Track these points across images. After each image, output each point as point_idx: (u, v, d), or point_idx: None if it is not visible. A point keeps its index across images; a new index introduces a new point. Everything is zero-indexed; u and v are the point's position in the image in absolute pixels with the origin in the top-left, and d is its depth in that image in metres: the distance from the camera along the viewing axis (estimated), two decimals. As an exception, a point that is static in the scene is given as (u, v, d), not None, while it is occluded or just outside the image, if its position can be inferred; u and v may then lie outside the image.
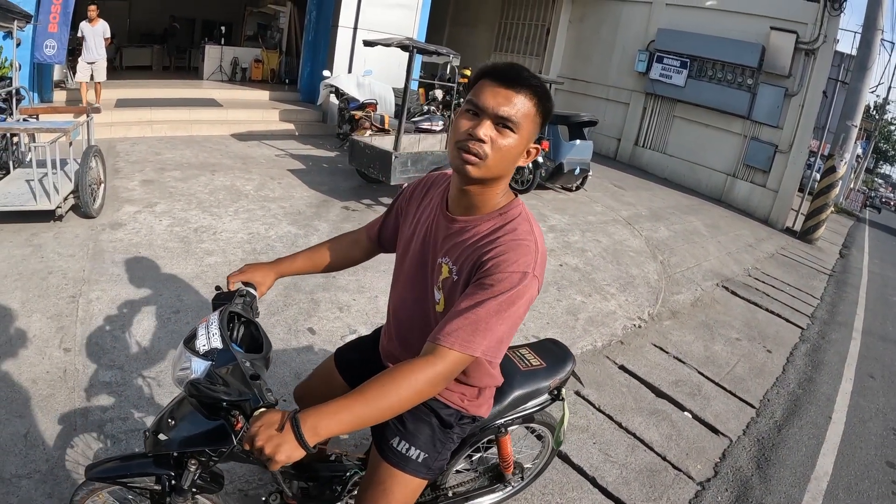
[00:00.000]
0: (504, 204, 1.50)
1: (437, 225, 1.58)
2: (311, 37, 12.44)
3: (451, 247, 1.51)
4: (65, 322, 3.51)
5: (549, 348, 2.24)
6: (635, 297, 5.79)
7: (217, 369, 1.32)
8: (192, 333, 1.43)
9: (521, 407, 1.98)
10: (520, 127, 1.37)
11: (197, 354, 1.36)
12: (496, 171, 1.40)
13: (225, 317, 1.49)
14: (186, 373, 1.35)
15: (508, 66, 1.40)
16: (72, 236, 4.77)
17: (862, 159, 32.41)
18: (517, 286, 1.33)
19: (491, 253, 1.38)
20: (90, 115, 5.53)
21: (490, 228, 1.45)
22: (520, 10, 17.77)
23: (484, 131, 1.36)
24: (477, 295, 1.34)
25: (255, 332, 1.56)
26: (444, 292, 1.53)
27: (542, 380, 2.03)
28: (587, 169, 9.41)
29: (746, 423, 4.01)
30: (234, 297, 1.63)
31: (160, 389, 3.01)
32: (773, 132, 12.50)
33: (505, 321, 1.33)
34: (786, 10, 12.25)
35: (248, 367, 1.34)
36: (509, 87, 1.37)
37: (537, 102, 1.39)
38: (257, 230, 5.47)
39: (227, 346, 1.37)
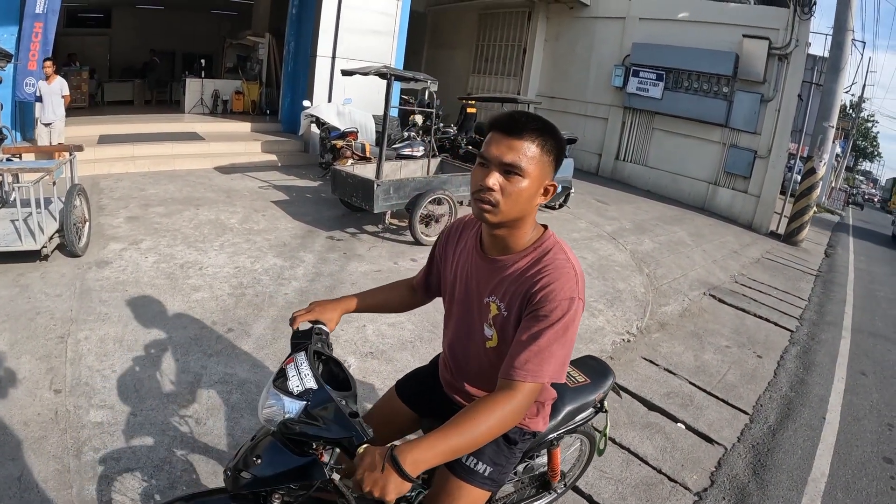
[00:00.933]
0: (536, 238, 1.61)
1: (476, 266, 1.70)
2: (291, 67, 12.52)
3: (496, 285, 1.62)
4: (54, 363, 3.50)
5: (590, 364, 2.39)
6: (623, 311, 5.80)
7: (313, 409, 1.38)
8: (281, 373, 1.49)
9: (572, 420, 2.13)
10: (526, 170, 1.46)
11: (289, 395, 1.40)
12: (512, 214, 1.51)
13: (311, 356, 1.56)
14: (275, 411, 1.40)
15: (509, 115, 1.50)
16: (58, 276, 4.75)
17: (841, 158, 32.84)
18: (568, 312, 1.45)
19: (538, 286, 1.49)
20: (73, 153, 5.52)
21: (529, 263, 1.56)
22: (496, 31, 17.99)
23: (492, 181, 1.47)
24: (534, 327, 1.45)
25: (336, 368, 1.63)
26: (496, 328, 1.63)
27: (589, 394, 2.19)
28: (569, 186, 9.49)
29: (740, 430, 4.01)
30: (311, 335, 1.69)
31: (152, 428, 2.98)
32: (752, 138, 12.69)
33: (564, 346, 1.46)
34: (757, 18, 12.53)
35: (345, 406, 1.39)
36: (511, 136, 1.47)
37: (541, 143, 1.47)
38: (243, 263, 5.46)
39: (322, 386, 1.43)
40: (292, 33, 12.36)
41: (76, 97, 13.41)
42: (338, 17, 10.82)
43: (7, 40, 7.85)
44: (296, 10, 12.19)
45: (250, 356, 3.83)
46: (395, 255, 6.30)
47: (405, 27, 12.13)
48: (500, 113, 1.55)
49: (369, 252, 6.27)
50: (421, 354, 4.11)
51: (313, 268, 5.59)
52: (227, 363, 3.69)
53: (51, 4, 7.73)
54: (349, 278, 5.46)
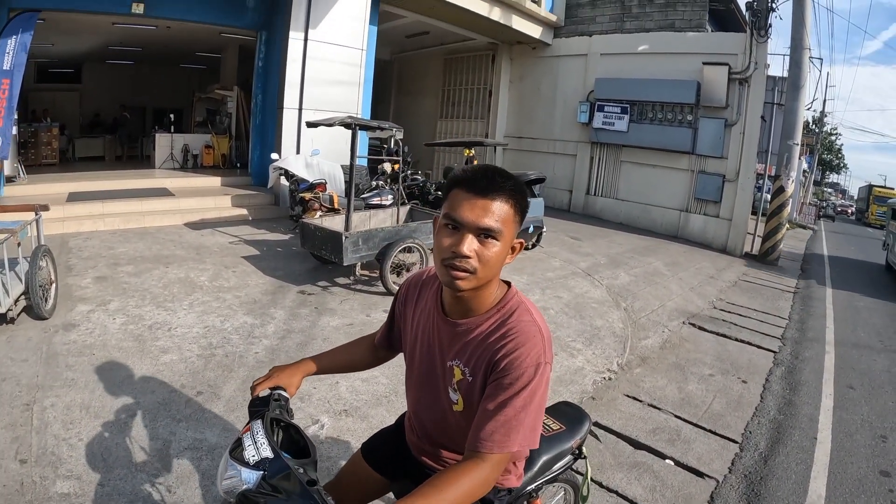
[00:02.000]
0: (500, 298, 1.54)
1: (438, 329, 1.61)
2: (259, 120, 12.55)
3: (459, 349, 1.54)
4: (20, 431, 3.35)
5: (565, 411, 2.34)
6: (602, 349, 5.75)
7: (270, 479, 1.33)
8: (237, 443, 1.44)
9: (549, 470, 2.06)
10: (502, 233, 1.40)
11: (246, 465, 1.36)
12: (487, 279, 1.44)
13: (268, 424, 1.51)
14: (234, 481, 1.35)
15: (480, 173, 1.42)
16: (24, 339, 4.61)
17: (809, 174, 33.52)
18: (534, 378, 1.38)
19: (502, 352, 1.41)
20: (38, 213, 5.41)
21: (493, 325, 1.49)
22: (461, 74, 18.28)
23: (468, 246, 1.38)
24: (500, 396, 1.39)
25: (296, 434, 1.58)
26: (461, 393, 1.56)
27: (565, 442, 2.13)
28: (541, 225, 9.51)
29: (731, 461, 3.94)
30: (269, 402, 1.66)
31: (120, 498, 2.85)
32: (719, 163, 12.95)
33: (531, 412, 1.38)
34: (715, 45, 12.93)
35: (303, 474, 1.33)
36: (485, 197, 1.38)
37: (514, 203, 1.41)
38: (213, 323, 5.33)
39: (278, 455, 1.37)
40: (259, 86, 12.43)
41: (46, 153, 13.36)
42: (303, 69, 10.90)
43: (-28, 97, 7.78)
44: (262, 63, 12.28)
45: (221, 419, 3.70)
46: (367, 307, 6.20)
47: (371, 76, 12.24)
48: (468, 169, 1.47)
49: (341, 305, 6.17)
50: (396, 409, 3.99)
51: (284, 324, 5.47)
52: (196, 428, 3.55)
53: (17, 61, 7.70)
54: (321, 333, 5.34)
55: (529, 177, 9.46)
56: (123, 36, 14.15)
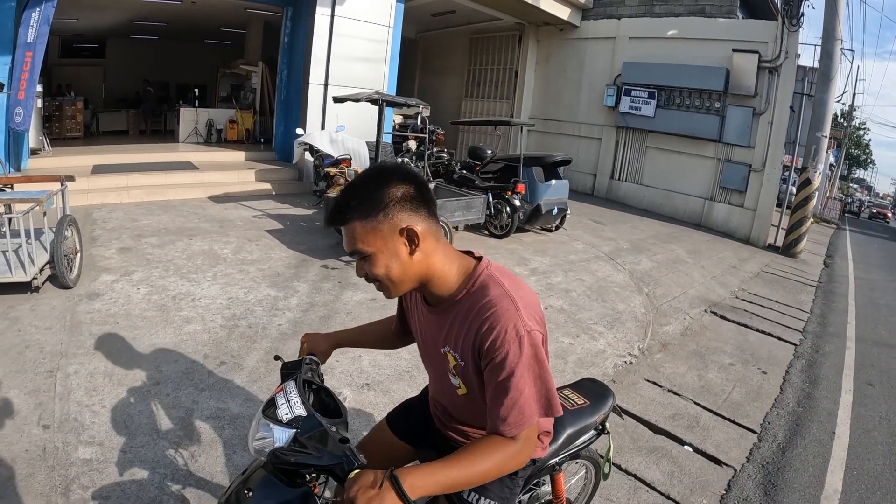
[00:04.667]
0: (465, 278, 1.51)
1: (426, 318, 1.63)
2: (284, 96, 12.56)
3: (446, 336, 1.53)
4: (42, 398, 3.40)
5: (589, 387, 2.31)
6: (624, 333, 5.73)
7: (303, 436, 1.35)
8: (270, 402, 1.47)
9: (573, 444, 2.06)
10: (366, 249, 1.40)
11: (279, 423, 1.38)
12: (397, 282, 1.45)
13: (301, 384, 1.54)
14: (266, 441, 1.38)
15: (332, 206, 1.44)
16: (49, 308, 4.66)
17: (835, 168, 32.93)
18: (522, 352, 1.35)
19: (481, 334, 1.39)
20: (64, 183, 5.46)
21: (468, 307, 1.46)
22: (487, 55, 18.12)
23: (357, 272, 1.48)
24: (497, 379, 1.37)
25: (326, 397, 1.63)
26: (460, 378, 1.55)
27: (589, 416, 2.12)
28: (565, 208, 9.46)
29: (749, 450, 3.92)
30: (301, 366, 1.69)
31: (142, 465, 2.89)
32: (746, 152, 12.73)
33: (536, 381, 1.37)
34: (746, 32, 12.63)
35: (335, 432, 1.36)
36: (339, 225, 1.43)
37: (365, 212, 1.38)
38: (236, 294, 5.37)
39: (311, 413, 1.40)
40: (284, 62, 12.42)
41: (70, 127, 13.49)
42: (329, 45, 10.87)
43: (0, 70, 7.88)
44: (287, 39, 12.26)
45: (243, 390, 3.73)
46: (390, 283, 6.20)
47: (397, 53, 12.19)
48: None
49: (363, 280, 6.14)
50: (418, 384, 4.00)
51: (307, 298, 5.50)
52: (219, 397, 3.60)
53: (40, 33, 7.74)
54: (343, 307, 5.37)
55: (555, 158, 9.40)
56: (148, 11, 14.17)
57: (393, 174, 1.42)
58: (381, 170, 1.45)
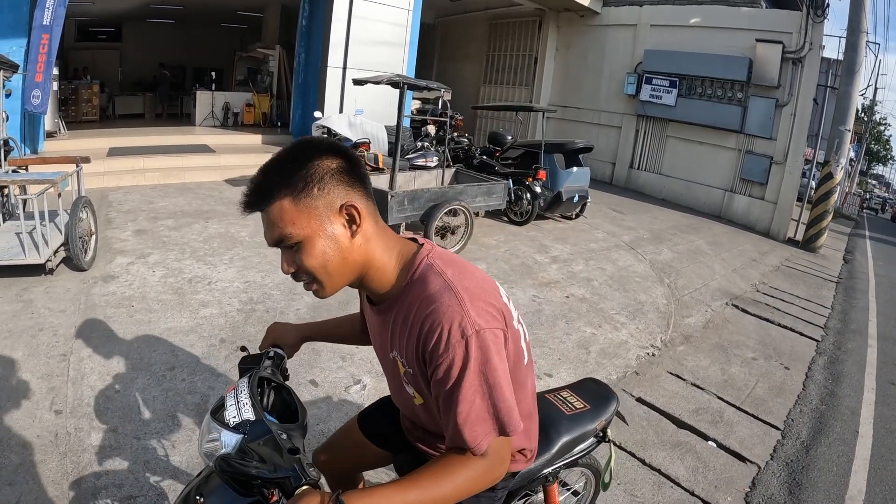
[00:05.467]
0: (403, 267, 1.30)
1: (372, 319, 1.43)
2: (301, 79, 12.48)
3: (391, 338, 1.33)
4: (55, 382, 3.36)
5: (591, 388, 2.12)
6: (646, 324, 5.64)
7: (250, 443, 1.19)
8: (220, 403, 1.31)
9: (569, 453, 1.88)
10: (295, 233, 1.17)
11: (227, 427, 1.23)
12: (334, 274, 1.23)
13: (255, 383, 1.36)
14: (215, 445, 1.23)
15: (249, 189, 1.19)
16: (63, 290, 4.63)
17: (855, 163, 32.49)
18: (469, 357, 1.13)
19: (420, 336, 1.18)
20: (79, 165, 5.42)
21: (408, 304, 1.24)
22: (506, 41, 17.94)
23: (284, 266, 1.22)
24: (445, 392, 1.17)
25: (287, 396, 1.43)
26: (413, 386, 1.36)
27: (588, 423, 1.92)
28: (586, 196, 9.34)
29: (773, 447, 3.84)
30: (261, 360, 1.53)
31: (155, 453, 2.85)
32: (768, 144, 12.51)
33: (489, 393, 1.16)
34: (770, 22, 12.38)
35: (286, 440, 1.20)
36: (255, 210, 1.19)
37: (287, 192, 1.16)
38: (253, 278, 5.32)
39: (260, 417, 1.24)
40: (302, 45, 12.33)
41: (87, 110, 13.51)
42: (348, 28, 10.79)
43: (16, 52, 7.87)
44: (306, 22, 12.17)
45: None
46: (409, 267, 6.14)
47: (416, 37, 12.08)
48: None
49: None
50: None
51: (324, 282, 5.42)
52: (236, 382, 3.54)
53: (56, 15, 7.72)
54: (360, 292, 5.29)
55: (577, 145, 9.31)
56: (165, -6, 14.13)
57: (320, 146, 1.22)
58: (306, 142, 1.24)
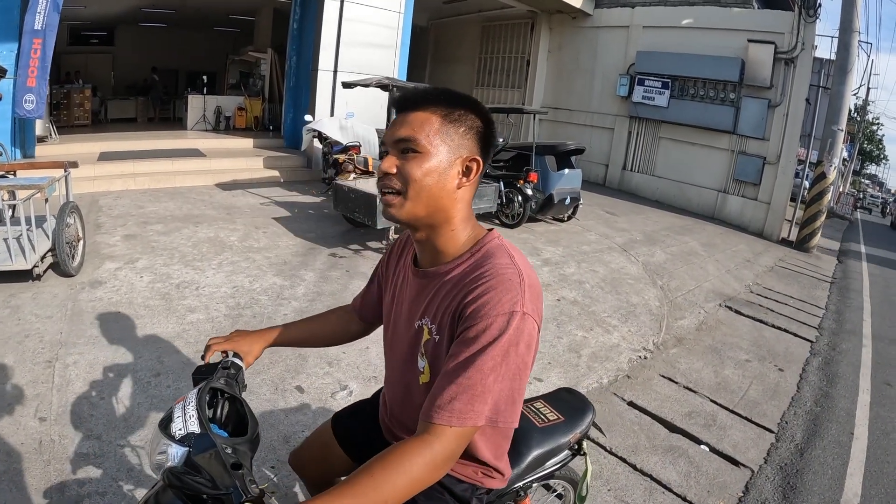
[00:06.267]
0: (475, 241, 1.31)
1: (409, 284, 1.41)
2: (293, 82, 12.46)
3: (427, 304, 1.31)
4: (41, 389, 3.31)
5: (565, 399, 2.03)
6: (638, 326, 5.60)
7: (196, 456, 1.14)
8: (169, 415, 1.26)
9: (541, 467, 1.78)
10: (425, 143, 1.21)
11: (173, 439, 1.18)
12: (422, 203, 1.23)
13: (205, 395, 1.32)
14: (163, 458, 1.18)
15: (405, 91, 1.29)
16: (50, 296, 4.58)
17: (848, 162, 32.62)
18: (506, 331, 1.11)
19: (468, 298, 1.17)
20: (67, 170, 5.37)
21: (463, 271, 1.25)
22: (499, 43, 17.96)
23: (386, 164, 1.23)
24: (463, 353, 1.12)
25: (241, 409, 1.37)
26: (427, 358, 1.30)
27: (562, 435, 1.83)
28: (578, 198, 9.32)
29: (767, 451, 3.79)
30: (216, 370, 1.47)
31: (139, 461, 2.80)
32: (761, 144, 12.54)
33: (504, 377, 1.12)
34: (762, 22, 12.43)
35: (230, 455, 1.15)
36: (407, 110, 1.26)
37: (445, 111, 1.24)
38: (241, 283, 5.27)
39: (206, 430, 1.19)
40: (294, 48, 12.31)
41: (78, 114, 13.45)
42: (339, 30, 10.76)
43: (6, 57, 7.81)
44: (297, 25, 12.15)
45: (247, 381, 3.62)
46: (398, 271, 6.09)
47: (408, 40, 12.06)
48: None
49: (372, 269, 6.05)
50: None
51: (314, 287, 5.40)
52: (221, 390, 3.49)
53: (49, 21, 7.66)
54: (351, 296, 5.21)
55: (569, 147, 9.28)
56: (157, -2, 14.09)
57: (481, 107, 1.29)
58: (469, 96, 1.30)
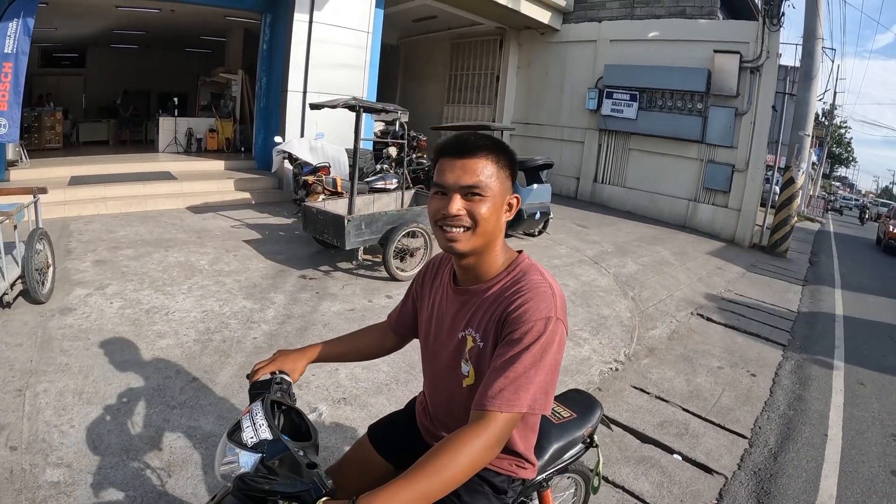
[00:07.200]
0: (509, 262, 1.55)
1: (450, 300, 1.63)
2: (263, 103, 12.44)
3: (470, 317, 1.54)
4: (10, 418, 3.28)
5: (575, 398, 2.29)
6: (609, 338, 5.63)
7: (268, 461, 1.28)
8: (236, 426, 1.40)
9: (560, 459, 2.01)
10: (487, 188, 1.43)
11: (244, 447, 1.31)
12: (486, 237, 1.47)
13: (268, 406, 1.46)
14: (232, 467, 1.32)
15: (456, 138, 1.48)
16: (20, 324, 4.53)
17: (818, 166, 33.25)
18: (545, 333, 1.35)
19: (511, 307, 1.41)
20: (36, 196, 5.31)
21: (502, 287, 1.49)
22: (468, 60, 18.09)
23: (455, 207, 1.43)
24: (509, 352, 1.36)
25: (297, 419, 1.55)
26: (472, 363, 1.53)
27: (576, 430, 2.08)
28: (548, 212, 9.37)
29: (740, 457, 3.84)
30: (270, 385, 1.64)
31: (110, 488, 2.78)
32: (729, 152, 12.74)
33: (542, 370, 1.35)
34: (727, 33, 12.70)
35: (303, 456, 1.29)
36: (464, 157, 1.44)
37: (495, 159, 1.46)
38: (211, 307, 5.23)
39: (278, 437, 1.33)
40: (264, 69, 12.30)
41: (50, 138, 13.27)
42: (308, 51, 10.76)
43: (-27, 81, 7.67)
44: (267, 46, 12.16)
45: (216, 406, 3.61)
46: (369, 292, 6.09)
47: (377, 60, 12.08)
48: (446, 138, 1.49)
49: (343, 290, 6.06)
50: (397, 398, 3.90)
51: (284, 309, 5.37)
52: (191, 415, 3.47)
53: (21, 46, 7.57)
54: (321, 319, 5.24)
55: (537, 162, 9.32)
56: (128, 20, 13.97)
57: (512, 151, 1.53)
58: (504, 143, 1.53)
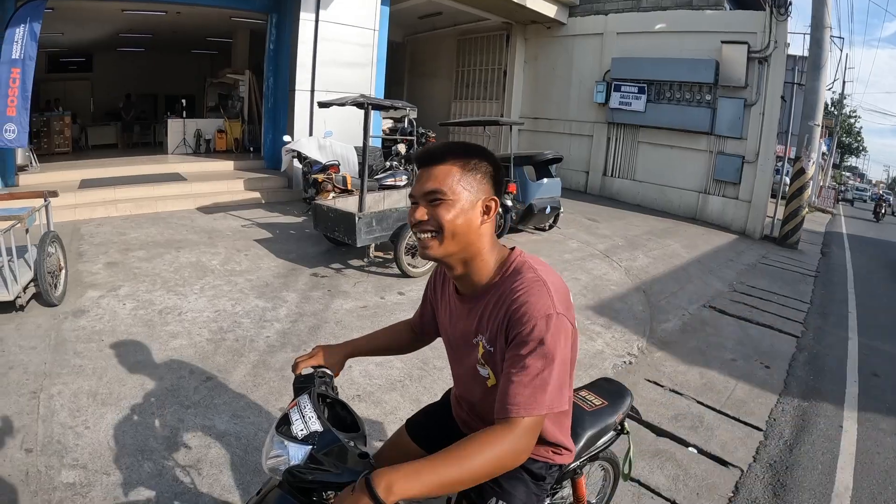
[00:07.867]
0: (501, 263, 1.54)
1: (457, 309, 1.64)
2: (271, 103, 12.47)
3: (477, 324, 1.54)
4: (25, 420, 3.31)
5: (605, 386, 2.33)
6: (622, 332, 5.62)
7: (318, 452, 1.30)
8: (284, 418, 1.42)
9: (594, 445, 2.05)
10: (449, 193, 1.43)
11: (294, 440, 1.34)
12: (456, 243, 1.46)
13: (315, 399, 1.49)
14: (281, 459, 1.34)
15: (426, 148, 1.52)
16: (34, 327, 4.56)
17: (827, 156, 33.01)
18: (547, 331, 1.34)
19: (508, 312, 1.41)
20: (47, 199, 5.35)
21: (501, 291, 1.48)
22: (475, 55, 18.05)
23: (419, 214, 1.46)
24: (517, 358, 1.36)
25: (342, 411, 1.59)
26: (490, 367, 1.54)
27: (608, 417, 2.11)
28: (558, 206, 9.34)
29: (755, 449, 3.81)
30: (314, 379, 1.66)
31: (126, 488, 2.79)
32: (739, 144, 12.64)
33: (554, 369, 1.34)
34: (734, 23, 12.57)
35: (354, 447, 1.33)
36: (430, 166, 1.48)
37: (463, 164, 1.46)
38: (223, 307, 5.25)
39: (328, 428, 1.36)
40: (271, 69, 12.33)
41: (59, 142, 13.35)
42: (314, 50, 10.77)
43: (-18, 87, 7.72)
44: (273, 46, 12.17)
45: (230, 406, 3.62)
46: (381, 289, 6.09)
47: (384, 57, 12.08)
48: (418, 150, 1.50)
49: (354, 288, 6.07)
50: (411, 394, 3.90)
51: (296, 307, 5.38)
52: (205, 415, 3.48)
53: (28, 51, 7.63)
54: (333, 317, 5.25)
55: (546, 156, 9.30)
56: (133, 23, 14.00)
57: (491, 154, 1.54)
58: (479, 146, 1.54)
